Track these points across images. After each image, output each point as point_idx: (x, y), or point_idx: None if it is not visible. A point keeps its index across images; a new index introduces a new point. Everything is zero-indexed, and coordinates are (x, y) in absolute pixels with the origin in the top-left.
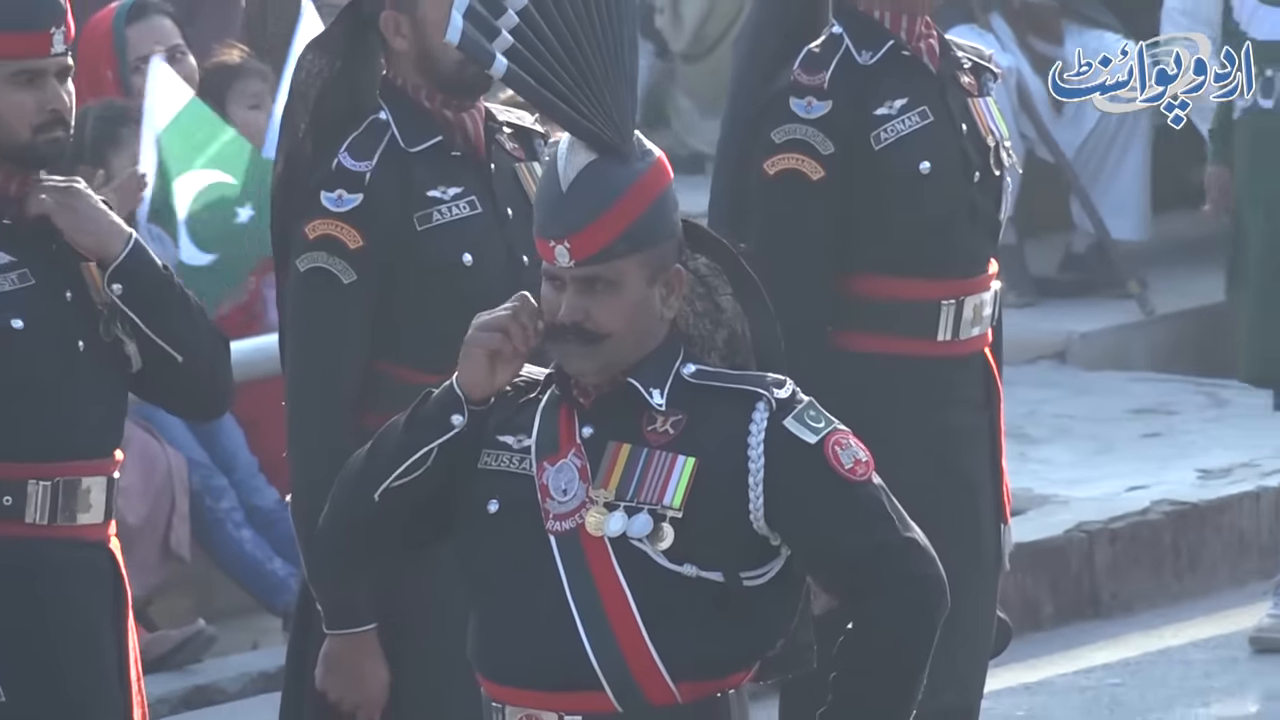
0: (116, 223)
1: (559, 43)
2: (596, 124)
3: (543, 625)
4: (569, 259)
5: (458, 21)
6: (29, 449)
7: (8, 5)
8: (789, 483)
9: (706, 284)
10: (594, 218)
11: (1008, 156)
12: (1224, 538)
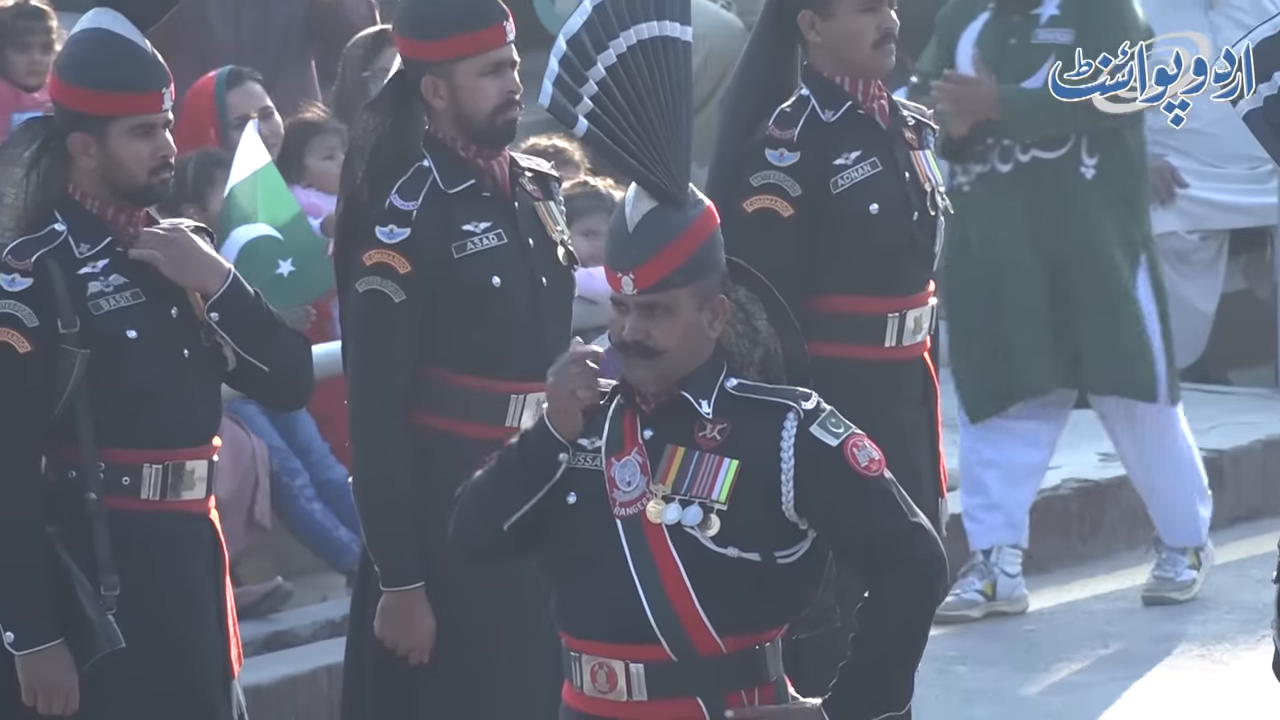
0: (215, 262)
1: (630, 109)
2: (659, 177)
3: (611, 592)
4: (633, 288)
5: (548, 88)
6: (144, 439)
7: (127, 71)
8: (815, 480)
9: (745, 310)
10: (654, 254)
11: (941, 200)
12: (1120, 509)
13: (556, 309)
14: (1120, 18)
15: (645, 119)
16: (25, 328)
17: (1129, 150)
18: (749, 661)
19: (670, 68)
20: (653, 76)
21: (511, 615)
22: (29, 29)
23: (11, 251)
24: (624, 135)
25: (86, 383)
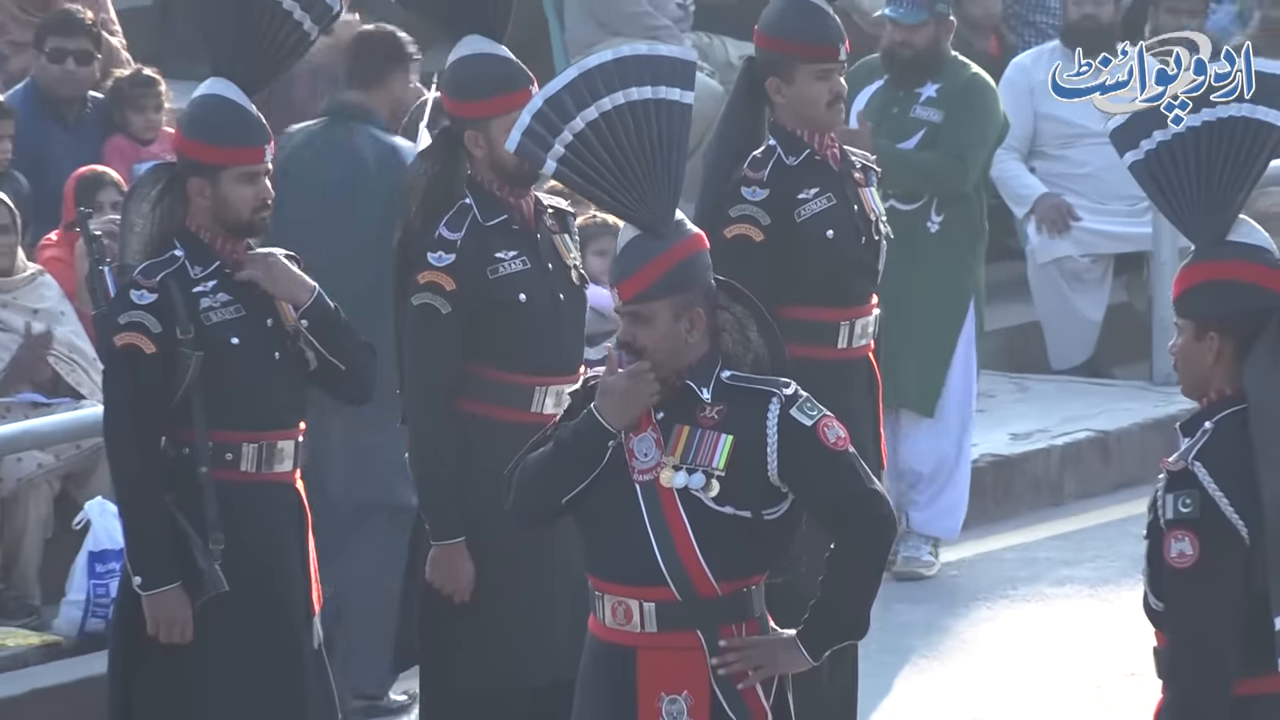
0: (303, 280)
1: (608, 154)
2: (632, 211)
3: (629, 543)
4: (619, 299)
5: (515, 136)
6: (244, 423)
7: (237, 129)
8: (793, 452)
9: (741, 323)
10: (631, 273)
11: (883, 228)
12: (1025, 479)
13: (571, 319)
14: (983, 111)
15: (625, 163)
16: (150, 334)
17: (972, 213)
18: (739, 601)
19: (663, 123)
20: (639, 130)
21: (534, 564)
22: (143, 94)
23: (140, 272)
24: (597, 176)
25: (199, 378)
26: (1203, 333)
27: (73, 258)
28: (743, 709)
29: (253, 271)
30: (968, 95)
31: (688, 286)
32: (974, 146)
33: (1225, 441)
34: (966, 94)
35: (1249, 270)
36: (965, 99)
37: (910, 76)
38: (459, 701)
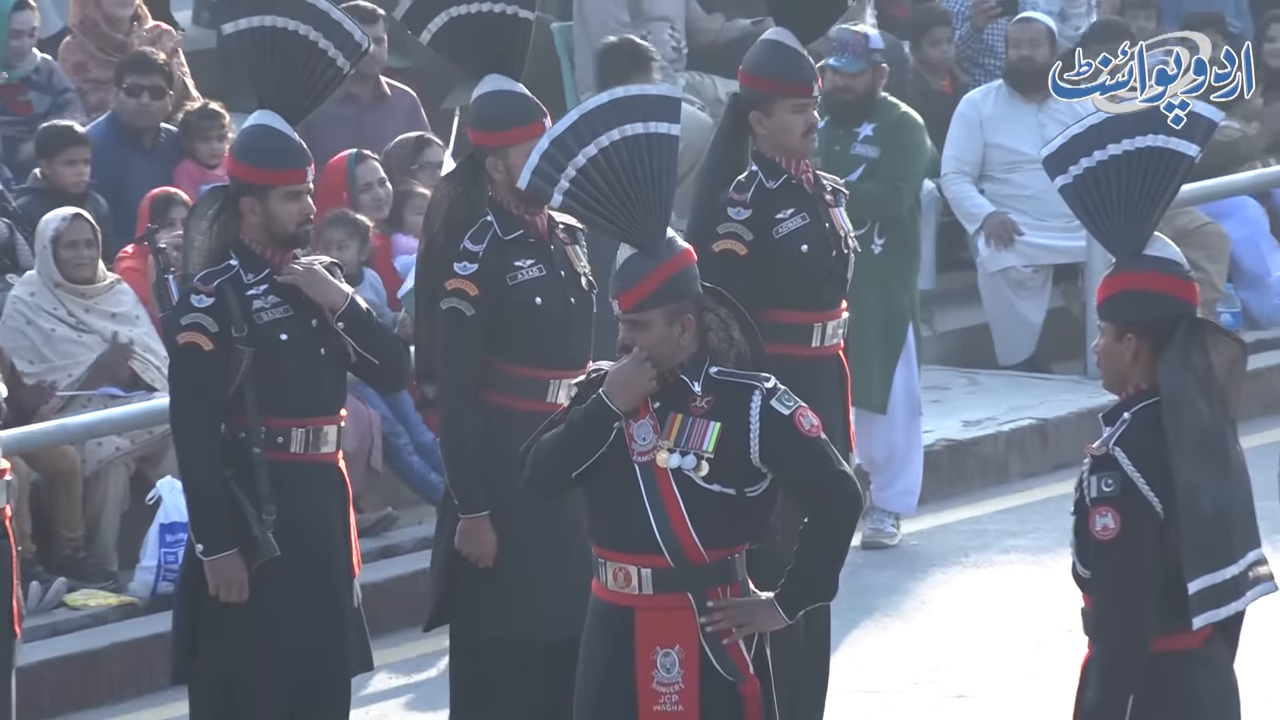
0: (339, 287)
1: (607, 185)
2: (629, 233)
3: (629, 516)
4: (619, 309)
5: (526, 176)
6: (292, 410)
7: (282, 155)
8: (773, 438)
9: (726, 325)
10: (627, 288)
11: (851, 243)
12: (976, 461)
13: (581, 319)
14: (913, 147)
15: (621, 192)
16: (208, 333)
17: (908, 235)
18: (724, 567)
19: (654, 153)
20: (633, 161)
21: (547, 534)
22: (209, 125)
23: (199, 279)
24: (597, 204)
25: (252, 371)
26: (1122, 334)
27: (146, 268)
28: (727, 661)
29: (293, 277)
30: (899, 133)
31: (679, 296)
32: (907, 178)
33: (1142, 430)
34: (898, 132)
35: (1162, 281)
36: (897, 136)
37: (850, 117)
38: (482, 655)
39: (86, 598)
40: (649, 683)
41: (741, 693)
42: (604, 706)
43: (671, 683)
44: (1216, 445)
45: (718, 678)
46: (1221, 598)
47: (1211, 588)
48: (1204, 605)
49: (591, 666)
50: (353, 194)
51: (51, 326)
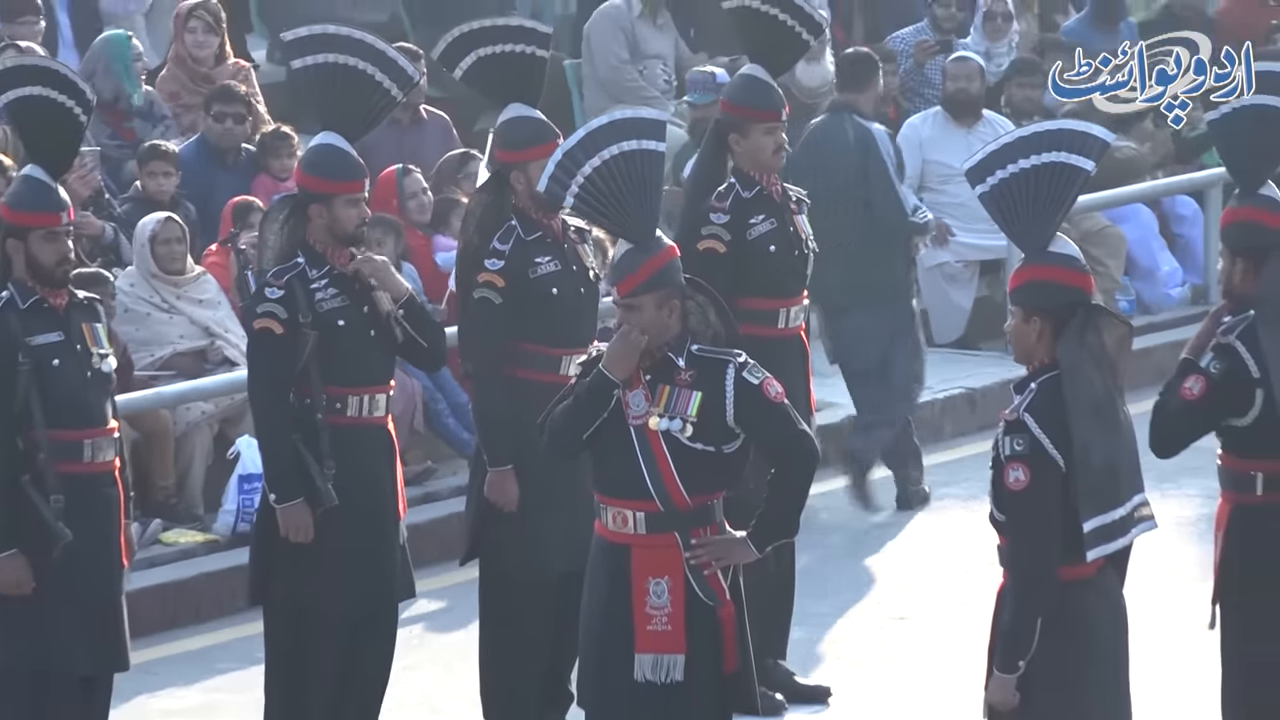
0: (401, 280)
1: (608, 190)
2: (625, 230)
3: (626, 469)
4: (616, 295)
5: (544, 181)
6: (349, 381)
7: (343, 168)
8: (745, 404)
9: (704, 309)
10: (623, 276)
11: (811, 244)
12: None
13: (589, 307)
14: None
15: (619, 196)
16: (279, 319)
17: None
18: (705, 511)
19: (646, 166)
20: (629, 170)
21: (557, 486)
22: (281, 145)
23: (272, 275)
24: (602, 206)
25: (315, 350)
26: (1029, 317)
27: (228, 263)
28: (707, 589)
29: (369, 267)
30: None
31: (666, 284)
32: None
33: (1046, 398)
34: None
35: (1062, 273)
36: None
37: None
38: (506, 584)
39: (177, 536)
40: (643, 607)
41: (720, 616)
42: (607, 627)
43: (662, 607)
44: (1107, 410)
45: (700, 603)
46: (1111, 534)
47: (1102, 526)
48: (1096, 541)
49: (595, 593)
50: (401, 201)
51: (146, 311)
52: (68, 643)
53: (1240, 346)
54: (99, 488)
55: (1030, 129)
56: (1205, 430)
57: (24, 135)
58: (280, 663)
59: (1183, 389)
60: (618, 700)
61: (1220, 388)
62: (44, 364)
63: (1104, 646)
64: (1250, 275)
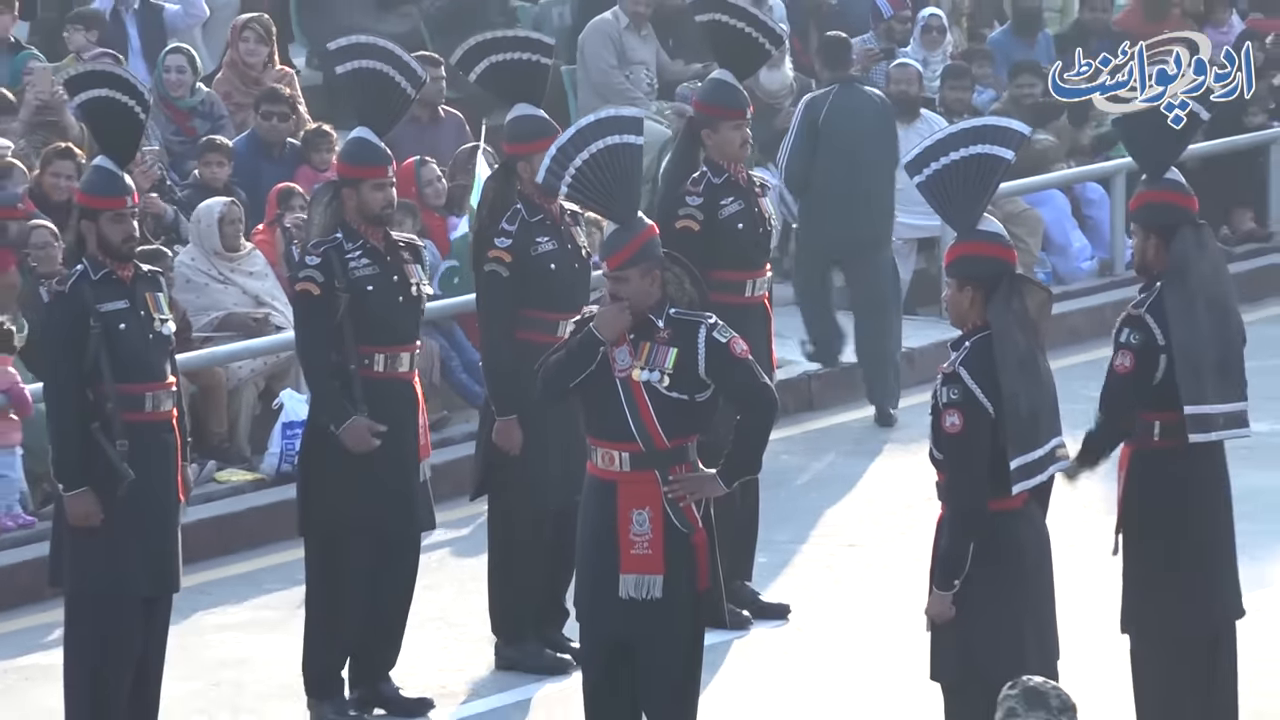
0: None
1: (595, 178)
2: (610, 212)
3: (613, 415)
4: (606, 269)
5: (541, 173)
6: (378, 340)
7: (374, 155)
8: (714, 359)
9: (679, 278)
10: (612, 253)
11: (774, 223)
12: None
13: (582, 279)
14: None
15: (606, 184)
16: (316, 283)
17: None
18: (681, 452)
19: (627, 157)
20: (612, 162)
21: (554, 433)
22: (320, 141)
23: (310, 246)
24: (591, 192)
25: (348, 312)
26: (962, 286)
27: (274, 240)
28: (683, 518)
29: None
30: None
31: (648, 258)
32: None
33: (978, 354)
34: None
35: (990, 248)
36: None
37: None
38: (510, 519)
39: (229, 475)
40: (628, 534)
41: (694, 541)
42: (597, 552)
43: (644, 534)
44: (1030, 365)
45: (676, 530)
46: (1033, 471)
47: (1026, 464)
48: (1021, 477)
49: (587, 523)
50: (419, 188)
51: (204, 282)
52: (131, 569)
53: (1149, 318)
54: (159, 434)
55: (959, 125)
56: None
57: (95, 131)
58: (319, 583)
59: (1116, 366)
60: (606, 614)
61: (1140, 355)
62: (112, 327)
63: (1030, 568)
64: (1161, 249)
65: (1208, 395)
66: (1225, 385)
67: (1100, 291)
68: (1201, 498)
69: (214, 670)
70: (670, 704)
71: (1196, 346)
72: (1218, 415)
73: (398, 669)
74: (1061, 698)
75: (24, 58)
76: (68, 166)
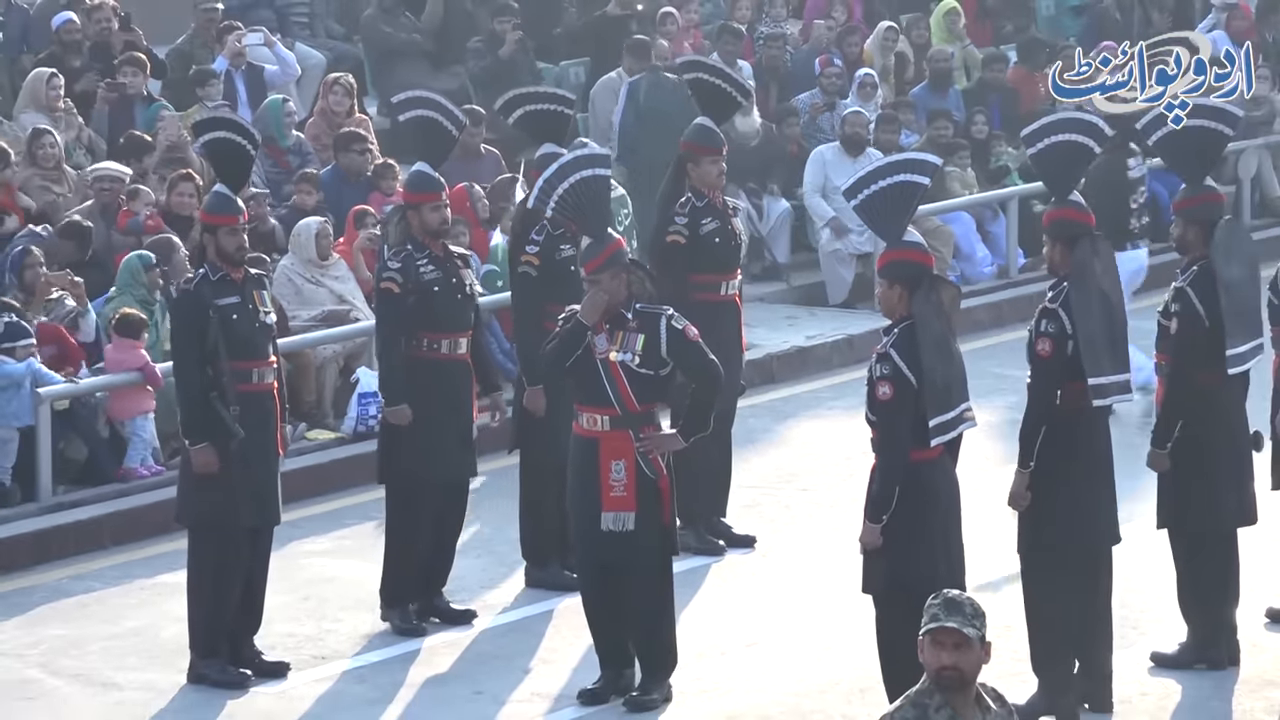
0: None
1: (575, 201)
2: (586, 229)
3: (595, 387)
4: (585, 272)
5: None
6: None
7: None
8: (673, 342)
9: (642, 280)
10: (588, 260)
11: (744, 238)
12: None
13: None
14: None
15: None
16: (397, 282)
17: None
18: (649, 415)
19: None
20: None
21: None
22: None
23: (391, 255)
24: (571, 212)
25: (417, 306)
26: (891, 285)
27: (351, 252)
28: (651, 468)
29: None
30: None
31: (615, 264)
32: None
33: (904, 338)
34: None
35: (913, 254)
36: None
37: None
38: (537, 467)
39: (317, 434)
40: (607, 480)
41: (660, 485)
42: (584, 494)
43: (620, 480)
44: (944, 346)
45: (645, 477)
46: (946, 429)
47: (941, 423)
48: (937, 433)
49: (575, 472)
50: (474, 209)
51: (300, 284)
52: (241, 507)
53: (1061, 311)
54: (263, 401)
55: (884, 160)
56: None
57: (214, 163)
58: (395, 519)
59: (1039, 350)
60: (593, 543)
61: (1056, 341)
62: (226, 318)
63: (943, 505)
64: (1066, 255)
65: (1104, 368)
66: (1116, 359)
67: (998, 291)
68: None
69: (305, 587)
70: (647, 611)
71: (1094, 330)
72: (1112, 384)
73: (448, 586)
74: (974, 605)
75: (156, 108)
76: (189, 188)
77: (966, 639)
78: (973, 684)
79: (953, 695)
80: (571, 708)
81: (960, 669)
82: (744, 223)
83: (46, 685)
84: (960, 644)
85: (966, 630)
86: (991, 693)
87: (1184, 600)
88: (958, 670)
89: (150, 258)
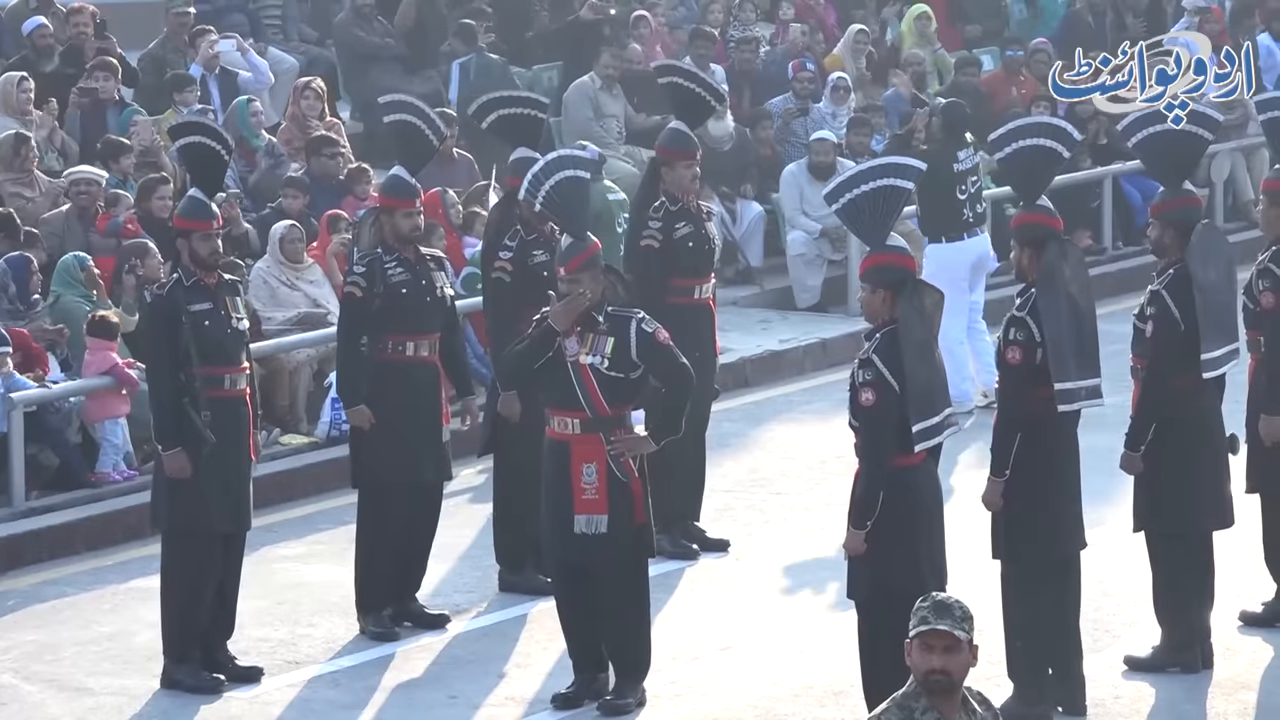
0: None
1: (559, 200)
2: (567, 228)
3: (564, 389)
4: (564, 272)
5: (522, 192)
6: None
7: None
8: (643, 346)
9: (614, 285)
10: (567, 260)
11: (717, 242)
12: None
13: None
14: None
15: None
16: (360, 287)
17: None
18: (620, 419)
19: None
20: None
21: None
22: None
23: (358, 259)
24: (555, 209)
25: (384, 309)
26: (875, 289)
27: (324, 255)
28: (622, 470)
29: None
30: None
31: (592, 267)
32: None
33: (887, 343)
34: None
35: (897, 259)
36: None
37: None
38: (509, 470)
39: (290, 438)
40: (579, 482)
41: (631, 488)
42: (557, 496)
43: (591, 483)
44: (926, 351)
45: (617, 480)
46: (930, 434)
47: (925, 428)
48: (920, 438)
49: (547, 475)
50: (447, 216)
51: (275, 286)
52: (213, 512)
53: (1029, 319)
54: (235, 407)
55: (868, 163)
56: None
57: (189, 167)
58: (367, 523)
59: (1008, 359)
60: (565, 546)
61: (1025, 348)
62: (198, 324)
63: (926, 510)
64: (1034, 259)
65: (1071, 373)
66: (1084, 365)
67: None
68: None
69: (279, 591)
70: (621, 614)
71: (1062, 335)
72: (1079, 389)
73: (422, 591)
74: (963, 608)
75: (129, 113)
76: (166, 191)
77: (957, 641)
78: (960, 687)
79: (940, 699)
80: (546, 712)
81: (949, 672)
82: (717, 227)
83: (20, 691)
84: (950, 647)
85: (957, 633)
86: (977, 696)
87: (1159, 603)
88: (946, 674)
89: (86, 258)
